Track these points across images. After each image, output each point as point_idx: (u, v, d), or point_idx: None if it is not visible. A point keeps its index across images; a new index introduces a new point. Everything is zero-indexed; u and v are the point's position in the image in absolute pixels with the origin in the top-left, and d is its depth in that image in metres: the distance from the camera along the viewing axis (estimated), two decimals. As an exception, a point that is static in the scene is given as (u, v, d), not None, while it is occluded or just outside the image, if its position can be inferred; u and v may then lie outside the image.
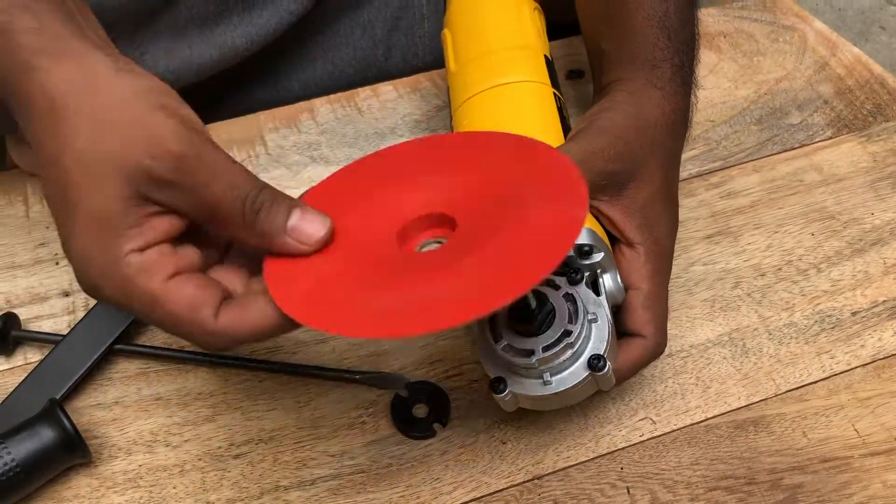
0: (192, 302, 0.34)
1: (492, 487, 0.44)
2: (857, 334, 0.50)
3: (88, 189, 0.33)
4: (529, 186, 0.37)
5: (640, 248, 0.44)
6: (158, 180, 0.33)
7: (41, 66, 0.34)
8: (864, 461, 0.45)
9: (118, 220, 0.33)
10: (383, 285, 0.35)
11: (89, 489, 0.44)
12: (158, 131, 0.33)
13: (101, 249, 0.33)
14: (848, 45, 0.70)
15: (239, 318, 0.34)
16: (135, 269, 0.33)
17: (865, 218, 0.56)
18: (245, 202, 0.34)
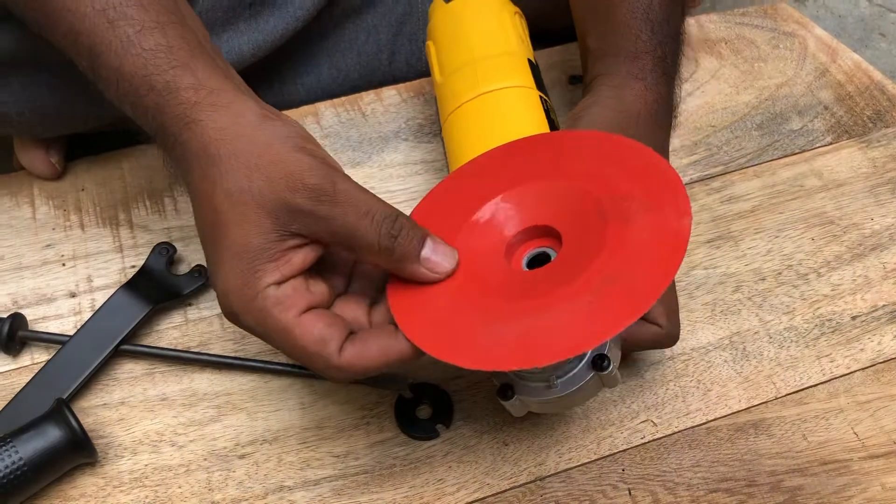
0: (320, 338, 0.37)
1: (494, 488, 0.44)
2: (857, 338, 0.51)
3: (234, 224, 0.37)
4: (628, 191, 0.38)
5: None
6: (298, 211, 0.37)
7: (199, 119, 0.38)
8: (864, 464, 0.45)
9: (259, 253, 0.37)
10: (501, 313, 0.37)
11: (95, 488, 0.45)
12: (297, 168, 0.37)
13: (243, 281, 0.37)
14: (848, 52, 0.70)
15: (360, 354, 0.37)
16: (272, 301, 0.37)
17: (865, 223, 0.57)
18: (382, 227, 0.37)
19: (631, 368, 0.49)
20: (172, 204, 0.58)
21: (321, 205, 0.37)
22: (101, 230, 0.57)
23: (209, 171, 0.38)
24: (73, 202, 0.58)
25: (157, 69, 0.39)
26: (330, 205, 0.37)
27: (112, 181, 0.60)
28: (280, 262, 0.37)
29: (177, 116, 0.39)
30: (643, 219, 0.37)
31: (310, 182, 0.37)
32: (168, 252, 0.53)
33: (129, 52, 0.39)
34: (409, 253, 0.38)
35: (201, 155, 0.38)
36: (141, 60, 0.39)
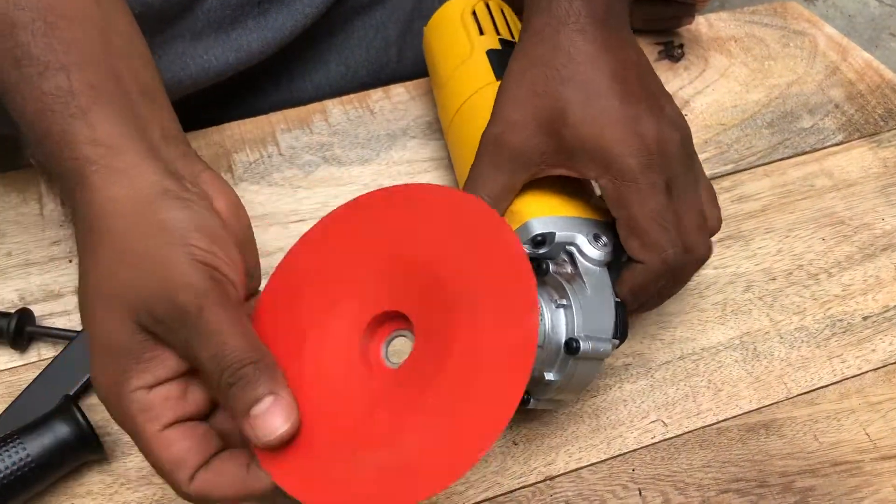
0: (176, 461, 0.34)
1: (504, 488, 0.44)
2: (869, 339, 0.50)
3: (99, 318, 0.34)
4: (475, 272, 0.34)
5: (602, 181, 0.41)
6: (159, 321, 0.33)
7: (92, 182, 0.34)
8: (876, 465, 0.45)
9: (125, 353, 0.34)
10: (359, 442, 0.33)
11: (103, 485, 0.44)
12: (171, 276, 0.33)
13: (112, 379, 0.34)
14: (858, 50, 0.70)
15: (213, 483, 0.34)
16: (137, 407, 0.34)
17: (876, 223, 0.57)
18: (223, 373, 0.33)
19: (641, 368, 0.49)
20: (180, 201, 0.58)
21: (181, 328, 0.33)
22: (109, 227, 0.56)
23: (86, 250, 0.35)
24: (80, 198, 0.58)
25: (53, 116, 0.35)
26: (189, 331, 0.33)
27: (119, 178, 0.60)
28: (151, 363, 0.34)
29: (71, 171, 0.35)
30: (491, 310, 0.33)
31: (176, 299, 0.33)
32: (176, 249, 0.53)
33: (30, 95, 0.36)
34: (238, 407, 0.33)
35: (86, 226, 0.35)
36: (40, 105, 0.35)
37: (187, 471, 0.34)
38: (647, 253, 0.41)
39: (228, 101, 0.66)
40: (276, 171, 0.60)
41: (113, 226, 0.34)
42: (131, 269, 0.33)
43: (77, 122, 0.35)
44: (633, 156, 0.41)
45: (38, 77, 0.36)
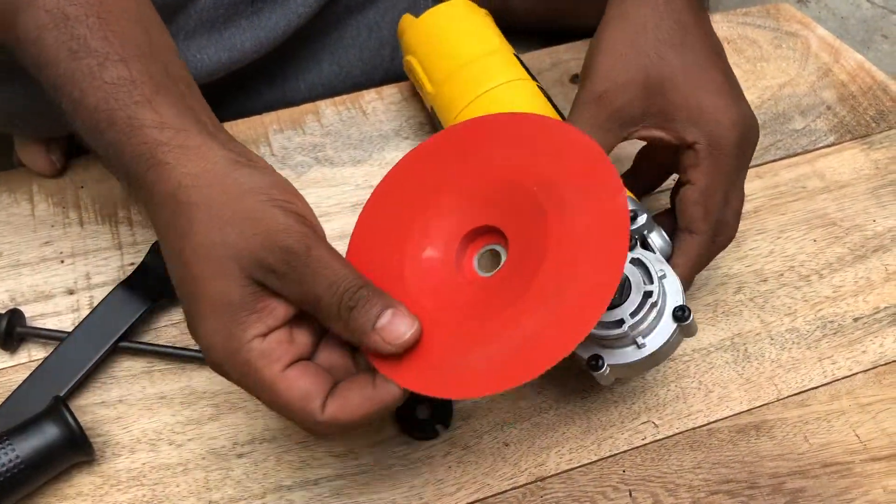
0: (304, 395, 0.35)
1: (494, 489, 0.44)
2: (859, 340, 0.50)
3: (209, 278, 0.35)
4: (556, 175, 0.38)
5: (696, 146, 0.44)
6: (270, 270, 0.35)
7: (165, 161, 0.36)
8: (866, 466, 0.45)
9: (239, 307, 0.35)
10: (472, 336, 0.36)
11: (92, 487, 0.44)
12: (272, 225, 0.35)
13: (226, 335, 0.35)
14: (851, 52, 0.70)
15: (343, 407, 0.36)
16: (256, 354, 0.35)
17: (867, 225, 0.57)
18: (342, 299, 0.36)
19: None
20: (172, 201, 0.58)
21: (292, 269, 0.35)
22: (100, 227, 0.56)
23: (177, 220, 0.36)
24: (72, 199, 0.58)
25: (118, 104, 0.37)
26: (301, 270, 0.35)
27: (111, 178, 0.59)
28: (263, 313, 0.36)
29: (140, 156, 0.37)
30: (579, 203, 0.37)
31: (284, 243, 0.35)
32: (167, 249, 0.53)
33: (90, 85, 0.37)
34: (363, 325, 0.36)
35: (168, 201, 0.36)
36: (102, 94, 0.37)
37: (318, 400, 0.36)
38: (706, 224, 0.44)
39: (221, 101, 0.65)
40: (269, 172, 0.60)
41: (199, 197, 0.36)
42: (235, 231, 0.35)
43: (142, 109, 0.37)
44: (733, 129, 0.44)
45: (98, 68, 0.37)
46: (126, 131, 0.37)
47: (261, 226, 0.35)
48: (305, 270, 0.35)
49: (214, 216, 0.36)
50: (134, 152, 0.37)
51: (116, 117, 0.37)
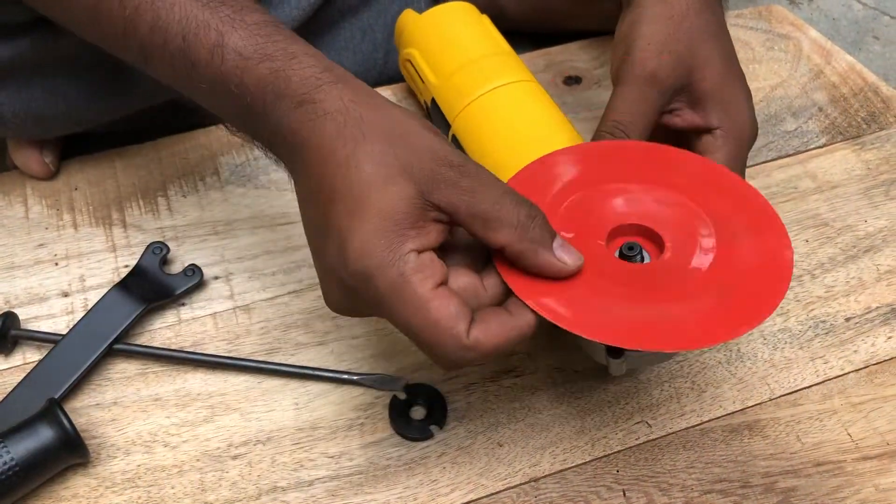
0: (455, 315, 0.36)
1: (489, 489, 0.44)
2: (851, 340, 0.51)
3: (379, 185, 0.36)
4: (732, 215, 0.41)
5: (716, 132, 0.47)
6: (442, 181, 0.36)
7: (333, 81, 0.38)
8: (857, 465, 0.45)
9: (404, 218, 0.36)
10: (622, 297, 0.38)
11: (87, 489, 0.44)
12: (438, 144, 0.37)
13: (386, 242, 0.36)
14: (842, 54, 0.70)
15: (486, 332, 0.36)
16: (412, 267, 0.36)
17: (859, 225, 0.57)
18: (523, 207, 0.37)
19: (625, 369, 0.49)
20: (166, 203, 0.58)
21: (465, 178, 0.37)
22: (94, 230, 0.56)
23: (349, 130, 0.37)
24: (66, 201, 0.58)
25: (268, 39, 0.39)
26: (473, 179, 0.37)
27: (105, 180, 0.59)
28: (422, 231, 0.36)
29: (306, 79, 0.38)
30: (749, 242, 0.40)
31: (454, 159, 0.37)
32: (161, 251, 0.53)
33: (233, 28, 0.39)
34: (545, 237, 0.38)
35: (340, 115, 0.37)
36: (248, 32, 0.39)
37: (466, 322, 0.36)
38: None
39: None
40: (263, 174, 0.60)
41: (369, 113, 0.37)
42: (405, 145, 0.37)
43: (293, 42, 0.39)
44: (751, 125, 0.48)
45: (236, 13, 0.40)
46: (286, 60, 0.38)
47: (428, 143, 0.37)
48: (478, 180, 0.37)
49: (386, 130, 0.37)
50: (300, 76, 0.38)
51: (271, 50, 0.39)
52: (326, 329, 0.51)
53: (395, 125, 0.38)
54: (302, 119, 0.38)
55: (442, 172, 0.37)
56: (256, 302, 0.52)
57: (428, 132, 0.38)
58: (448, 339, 0.36)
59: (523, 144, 0.50)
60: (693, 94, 0.47)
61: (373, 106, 0.38)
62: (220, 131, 0.62)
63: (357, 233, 0.36)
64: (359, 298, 0.37)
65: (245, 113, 0.40)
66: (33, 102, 0.54)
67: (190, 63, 0.40)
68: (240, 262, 0.55)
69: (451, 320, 0.35)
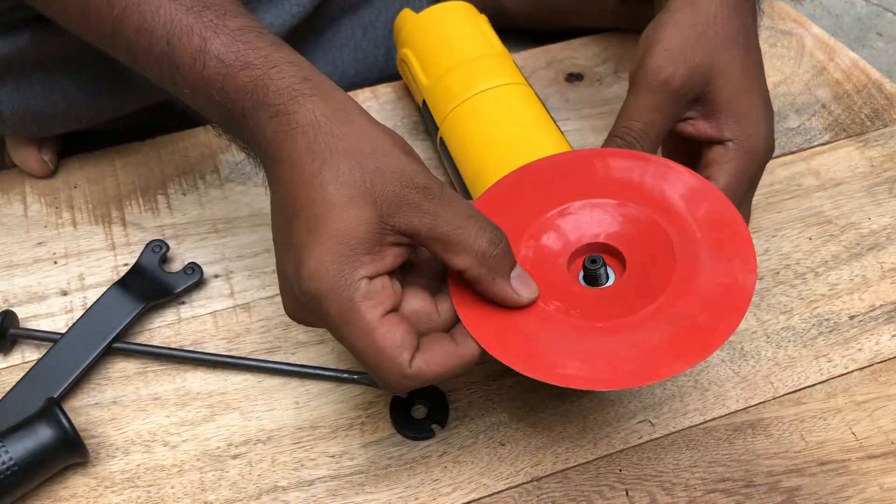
0: (399, 344, 0.36)
1: (490, 489, 0.44)
2: (855, 338, 0.50)
3: (340, 207, 0.36)
4: (698, 234, 0.40)
5: (728, 144, 0.45)
6: (406, 204, 0.36)
7: (310, 94, 0.38)
8: (862, 464, 0.45)
9: (360, 243, 0.36)
10: (569, 328, 0.38)
11: (87, 489, 0.44)
12: (408, 167, 0.37)
13: (339, 267, 0.36)
14: (845, 50, 0.70)
15: (428, 361, 0.37)
16: (362, 294, 0.36)
17: (863, 222, 0.57)
18: (486, 233, 0.37)
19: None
20: (165, 201, 0.58)
21: (429, 201, 0.37)
22: (94, 228, 0.56)
23: (319, 146, 0.37)
24: (65, 200, 0.58)
25: (250, 46, 0.39)
26: (437, 203, 0.37)
27: (105, 179, 0.59)
28: (377, 256, 0.37)
29: (283, 90, 0.38)
30: (710, 267, 0.39)
31: (420, 181, 0.37)
32: (161, 250, 0.52)
33: (216, 33, 0.39)
34: (503, 266, 0.38)
35: (310, 129, 0.37)
36: (230, 39, 0.39)
37: (410, 352, 0.36)
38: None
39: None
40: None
41: (341, 130, 0.37)
42: (374, 167, 0.37)
43: (276, 50, 0.39)
44: (766, 141, 0.46)
45: (220, 18, 0.39)
46: (265, 69, 0.38)
47: (398, 165, 0.37)
48: (442, 204, 0.37)
49: (355, 148, 0.37)
50: (277, 87, 0.38)
51: (251, 58, 0.39)
52: (327, 327, 0.51)
53: (364, 143, 0.37)
54: (276, 129, 0.38)
55: (405, 195, 0.37)
56: (257, 300, 0.52)
57: (398, 151, 0.38)
58: (391, 366, 0.36)
59: (509, 149, 0.49)
60: (708, 105, 0.46)
61: (346, 121, 0.38)
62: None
63: (312, 253, 0.36)
64: (309, 313, 0.38)
65: (227, 118, 0.40)
66: (32, 100, 0.54)
67: (174, 66, 0.40)
68: (240, 261, 0.54)
69: (394, 350, 0.36)
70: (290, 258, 0.37)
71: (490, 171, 0.48)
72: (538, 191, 0.43)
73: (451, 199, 0.37)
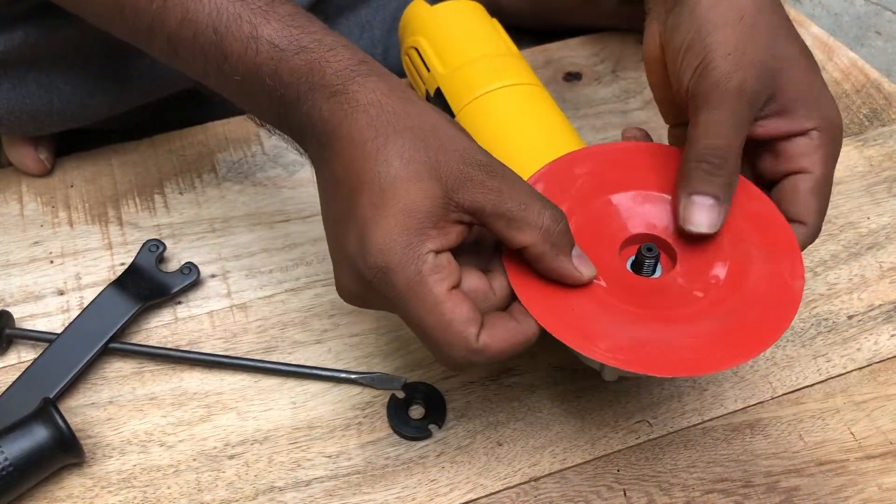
0: (468, 318, 0.36)
1: (488, 489, 0.44)
2: (854, 338, 0.50)
3: (406, 181, 0.36)
4: (749, 236, 0.41)
5: (812, 133, 0.42)
6: (469, 181, 0.37)
7: (368, 74, 0.38)
8: (860, 464, 0.45)
9: (427, 217, 0.36)
10: (625, 314, 0.38)
11: (83, 489, 0.44)
12: (466, 145, 0.38)
13: (407, 239, 0.36)
14: (844, 50, 0.70)
15: (492, 337, 0.37)
16: (430, 267, 0.36)
17: (861, 222, 0.57)
18: (549, 212, 0.37)
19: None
20: (162, 201, 0.57)
21: (493, 178, 0.37)
22: (90, 227, 0.56)
23: (382, 123, 0.37)
24: (61, 199, 0.58)
25: (303, 30, 0.39)
26: (500, 180, 0.37)
27: (101, 178, 0.59)
28: (442, 231, 0.37)
29: (340, 71, 0.38)
30: (760, 268, 0.39)
31: (481, 159, 0.37)
32: (157, 249, 0.52)
33: (267, 19, 0.39)
34: (565, 243, 0.38)
35: (371, 108, 0.37)
36: (282, 24, 0.39)
37: (477, 326, 0.36)
38: (819, 215, 0.43)
39: (212, 100, 0.65)
40: (260, 171, 0.59)
41: (408, 109, 0.38)
42: (436, 144, 0.37)
43: (327, 34, 0.39)
44: (840, 119, 0.44)
45: (268, 5, 0.39)
46: (321, 51, 0.38)
47: (459, 143, 0.38)
48: (504, 180, 0.37)
49: (418, 126, 0.37)
50: (335, 68, 0.38)
51: (306, 42, 0.39)
52: (324, 327, 0.51)
53: (426, 122, 0.38)
54: (334, 109, 0.38)
55: (469, 172, 0.37)
56: (253, 300, 0.52)
57: (457, 131, 0.38)
58: (459, 341, 0.36)
59: (531, 145, 0.49)
60: (780, 101, 0.42)
61: (406, 101, 0.38)
62: (217, 128, 0.62)
63: (380, 226, 0.36)
64: (372, 290, 0.37)
65: (276, 103, 0.40)
66: (28, 99, 0.53)
67: (223, 56, 0.39)
68: (237, 260, 0.54)
69: (463, 323, 0.36)
70: (354, 232, 0.37)
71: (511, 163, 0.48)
72: (595, 175, 0.43)
73: (514, 177, 0.38)
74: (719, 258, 0.40)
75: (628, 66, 0.68)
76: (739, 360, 0.37)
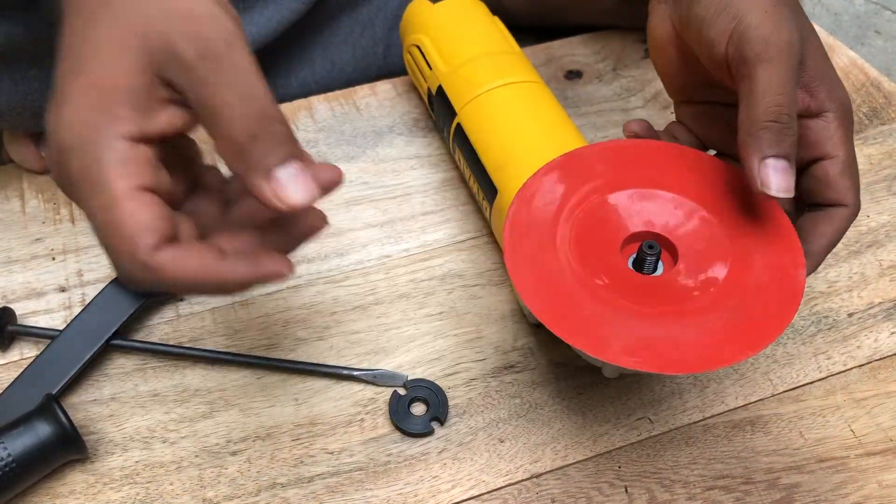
0: (147, 226, 0.30)
1: (490, 486, 0.44)
2: (854, 335, 0.51)
3: (108, 51, 0.31)
4: (749, 231, 0.41)
5: (828, 115, 0.41)
6: (179, 59, 0.30)
7: None
8: (860, 461, 0.45)
9: (122, 94, 0.31)
10: (623, 308, 0.38)
11: (85, 485, 0.44)
12: (200, 10, 0.31)
13: (93, 119, 0.30)
14: (844, 49, 0.70)
15: (175, 260, 0.31)
16: (116, 157, 0.30)
17: (861, 220, 0.57)
18: (248, 120, 0.31)
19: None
20: (164, 198, 0.57)
21: (204, 62, 0.30)
22: (92, 224, 0.56)
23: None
24: (63, 196, 0.58)
25: None
26: (213, 68, 0.30)
27: (103, 174, 0.59)
28: (144, 113, 0.31)
29: None
30: (762, 261, 0.40)
31: (205, 32, 0.30)
32: (160, 246, 0.52)
33: None
34: (259, 161, 0.31)
35: None
36: None
37: (154, 236, 0.30)
38: (855, 194, 0.42)
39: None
40: (262, 168, 0.59)
41: None
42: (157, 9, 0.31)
43: None
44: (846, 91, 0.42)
45: None
46: None
47: (188, 5, 0.31)
48: (218, 69, 0.30)
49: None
50: None
51: None
52: (326, 324, 0.51)
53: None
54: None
55: (181, 47, 0.30)
56: (256, 296, 0.52)
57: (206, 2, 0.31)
58: (127, 247, 0.30)
59: (533, 142, 0.49)
60: (806, 76, 0.40)
61: None
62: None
63: (69, 99, 0.31)
64: (60, 172, 0.32)
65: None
66: (30, 95, 0.53)
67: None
68: (239, 257, 0.54)
69: (136, 229, 0.30)
70: (52, 102, 0.32)
71: (512, 160, 0.48)
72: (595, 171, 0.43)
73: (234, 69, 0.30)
74: (720, 253, 0.40)
75: (629, 65, 0.68)
76: (750, 352, 0.37)
